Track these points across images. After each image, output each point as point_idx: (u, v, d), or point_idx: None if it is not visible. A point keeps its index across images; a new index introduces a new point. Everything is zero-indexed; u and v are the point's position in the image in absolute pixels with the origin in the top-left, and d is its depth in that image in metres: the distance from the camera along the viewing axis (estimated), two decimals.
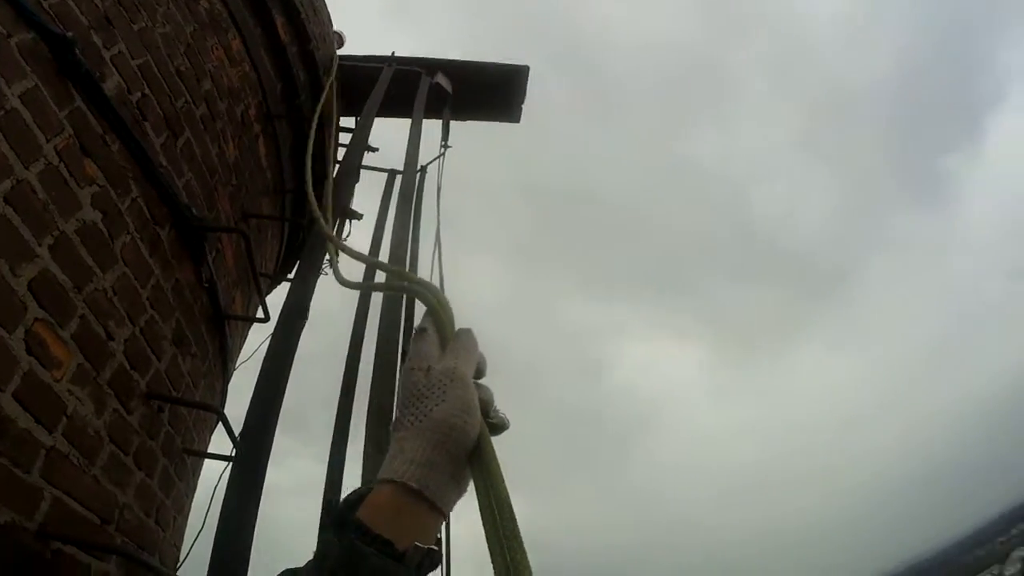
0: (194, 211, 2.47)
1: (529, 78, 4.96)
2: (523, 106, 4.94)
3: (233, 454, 2.54)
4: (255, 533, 1.87)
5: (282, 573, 0.58)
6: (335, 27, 4.68)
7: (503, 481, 0.56)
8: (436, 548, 0.56)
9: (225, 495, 1.98)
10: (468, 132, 5.12)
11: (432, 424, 0.59)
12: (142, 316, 2.14)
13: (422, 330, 0.74)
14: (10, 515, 1.45)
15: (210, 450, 2.94)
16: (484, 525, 0.53)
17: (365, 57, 4.93)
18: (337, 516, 0.57)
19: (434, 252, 2.28)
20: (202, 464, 2.97)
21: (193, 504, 2.91)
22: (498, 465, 0.58)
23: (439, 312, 0.76)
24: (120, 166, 2.02)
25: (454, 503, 0.59)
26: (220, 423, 2.65)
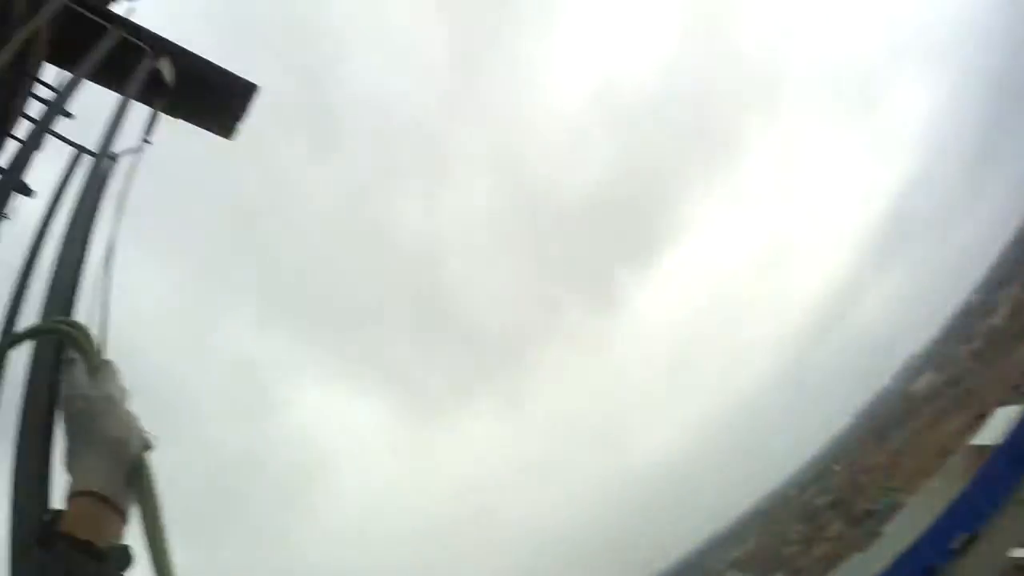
0: None
1: (257, 97, 4.36)
2: (242, 124, 4.42)
3: None
4: None
5: None
6: None
7: (156, 487, 0.74)
8: (129, 546, 0.67)
9: None
10: (173, 128, 4.58)
11: (104, 442, 0.72)
12: None
13: (71, 360, 0.84)
14: None
15: None
16: (143, 523, 0.71)
17: (92, 5, 4.35)
18: (42, 534, 0.64)
19: (107, 256, 2.01)
20: None
21: None
22: (152, 474, 0.76)
23: (83, 342, 0.85)
24: None
25: (131, 507, 0.72)
26: None
